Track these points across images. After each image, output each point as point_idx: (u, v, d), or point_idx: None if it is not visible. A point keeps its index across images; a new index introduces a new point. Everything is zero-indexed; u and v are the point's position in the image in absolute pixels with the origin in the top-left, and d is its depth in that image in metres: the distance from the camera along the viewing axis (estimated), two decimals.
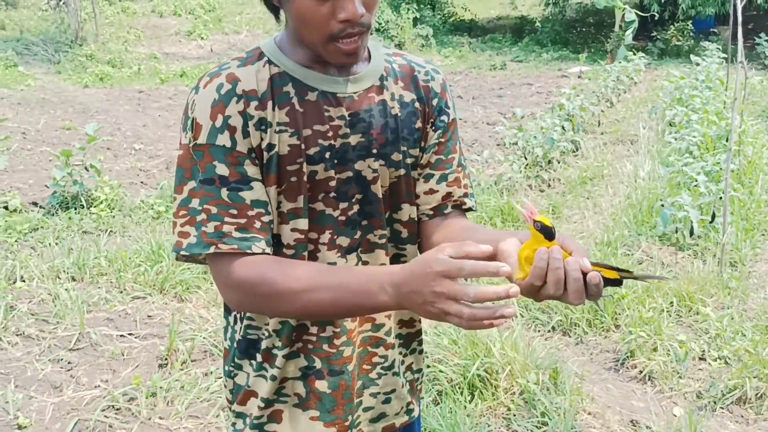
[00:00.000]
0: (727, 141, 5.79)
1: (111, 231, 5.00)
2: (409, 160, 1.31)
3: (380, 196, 1.29)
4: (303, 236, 1.24)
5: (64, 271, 4.11)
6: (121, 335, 3.47)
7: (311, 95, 1.22)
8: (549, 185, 6.49)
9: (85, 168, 5.58)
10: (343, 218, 1.26)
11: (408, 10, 18.32)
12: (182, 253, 1.18)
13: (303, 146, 1.20)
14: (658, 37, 16.57)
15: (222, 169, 1.16)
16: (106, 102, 11.36)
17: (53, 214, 5.19)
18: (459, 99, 11.57)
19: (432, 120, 1.34)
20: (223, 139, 1.16)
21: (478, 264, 1.00)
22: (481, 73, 14.71)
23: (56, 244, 4.60)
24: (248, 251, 1.16)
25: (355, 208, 1.27)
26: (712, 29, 16.85)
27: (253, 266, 1.15)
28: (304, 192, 1.22)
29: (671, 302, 3.93)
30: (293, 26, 1.21)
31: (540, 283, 1.06)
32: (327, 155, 1.22)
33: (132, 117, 10.10)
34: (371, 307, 1.11)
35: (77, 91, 12.34)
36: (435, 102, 1.35)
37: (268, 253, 1.19)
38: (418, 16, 18.61)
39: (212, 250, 1.15)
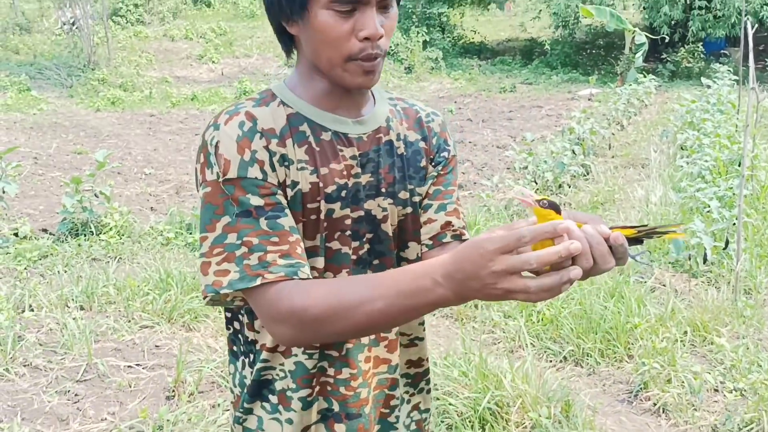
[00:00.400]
0: (739, 165, 5.74)
1: (120, 258, 4.99)
2: (415, 198, 1.33)
3: (390, 234, 1.30)
4: (318, 275, 1.23)
5: (73, 300, 4.10)
6: (129, 366, 3.44)
7: (325, 135, 1.23)
8: None
9: (95, 195, 5.59)
10: (355, 257, 1.26)
11: (418, 33, 18.43)
12: (222, 291, 1.12)
13: (321, 184, 1.21)
14: (669, 59, 16.58)
15: (257, 200, 1.14)
16: (118, 126, 11.45)
17: (63, 241, 5.20)
18: (468, 122, 11.58)
19: (432, 157, 1.36)
20: (254, 172, 1.15)
21: (538, 227, 0.95)
22: (491, 96, 14.74)
23: (65, 271, 4.59)
24: (295, 277, 1.13)
25: (366, 247, 1.27)
26: (722, 51, 16.83)
27: (299, 292, 1.11)
28: (322, 230, 1.22)
29: (685, 331, 3.87)
30: (310, 49, 1.20)
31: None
32: (343, 194, 1.23)
33: (143, 141, 10.16)
34: (428, 304, 1.03)
35: (89, 115, 12.46)
36: (435, 140, 1.36)
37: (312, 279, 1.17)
38: (428, 39, 18.72)
39: (259, 281, 1.11)
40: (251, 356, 1.28)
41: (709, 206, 4.95)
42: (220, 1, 23.44)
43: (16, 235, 5.24)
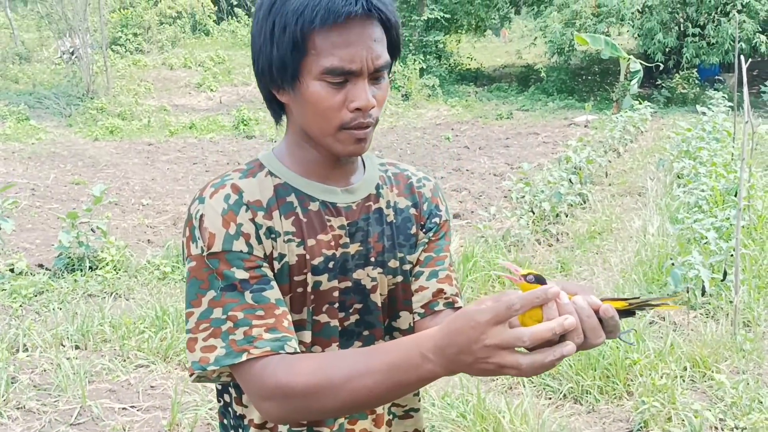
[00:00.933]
0: (736, 195, 5.75)
1: (116, 294, 4.97)
2: (406, 267, 1.30)
3: (380, 304, 1.27)
4: (306, 349, 1.21)
5: (68, 338, 4.07)
6: (123, 408, 3.41)
7: (313, 205, 1.22)
8: (557, 239, 6.44)
9: (92, 229, 5.58)
10: (341, 328, 1.24)
11: (415, 60, 18.58)
12: (209, 368, 1.10)
13: (308, 256, 1.19)
14: (664, 85, 16.69)
15: (242, 274, 1.13)
16: (116, 155, 11.48)
17: (59, 277, 5.18)
18: (465, 149, 11.62)
19: (422, 223, 1.34)
20: (239, 245, 1.14)
21: (527, 294, 0.92)
22: (488, 123, 14.81)
23: (60, 309, 4.57)
24: (281, 351, 1.10)
25: (354, 318, 1.25)
26: (717, 77, 16.96)
27: (284, 368, 1.08)
28: (309, 303, 1.20)
29: (684, 367, 3.84)
30: (301, 118, 1.19)
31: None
32: (330, 265, 1.21)
33: (141, 170, 10.18)
34: (417, 381, 1.00)
35: (87, 144, 12.49)
36: (426, 206, 1.34)
37: (299, 353, 1.14)
38: (425, 67, 18.86)
39: (245, 357, 1.08)
40: (240, 431, 1.26)
41: (707, 238, 4.94)
42: (219, 29, 23.65)
43: (11, 270, 5.22)
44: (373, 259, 1.26)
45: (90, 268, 5.27)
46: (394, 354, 1.02)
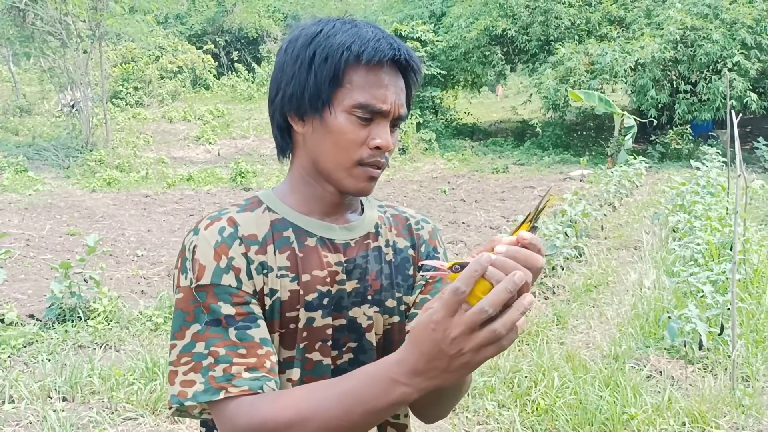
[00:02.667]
0: (731, 249, 5.75)
1: (107, 345, 4.90)
2: (403, 307, 1.30)
3: (375, 344, 1.26)
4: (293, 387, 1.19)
5: (56, 390, 3.99)
6: None
7: (310, 240, 1.22)
8: (554, 292, 6.40)
9: (84, 279, 5.54)
10: (333, 367, 1.22)
11: (411, 115, 18.81)
12: (187, 403, 1.09)
13: (302, 292, 1.19)
14: (658, 140, 16.89)
15: (228, 309, 1.12)
16: (113, 206, 11.50)
17: (50, 328, 5.12)
18: (462, 202, 11.67)
19: (419, 265, 1.34)
20: (229, 279, 1.14)
21: (464, 272, 0.90)
22: (484, 176, 14.92)
23: (49, 360, 4.50)
24: (260, 391, 1.09)
25: (347, 357, 1.24)
26: (710, 133, 17.18)
27: (257, 407, 1.07)
28: (300, 340, 1.19)
29: (683, 422, 3.77)
30: (317, 150, 1.20)
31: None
32: (324, 301, 1.21)
33: (137, 222, 10.18)
34: (389, 406, 0.99)
35: (84, 196, 12.53)
36: (423, 248, 1.35)
37: None
38: (422, 121, 19.11)
39: (222, 395, 1.07)
40: None
41: (703, 291, 4.92)
42: (219, 84, 24.01)
43: (2, 321, 5.16)
44: (370, 297, 1.26)
45: (81, 318, 5.21)
46: (362, 383, 1.01)
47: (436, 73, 19.71)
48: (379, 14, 24.17)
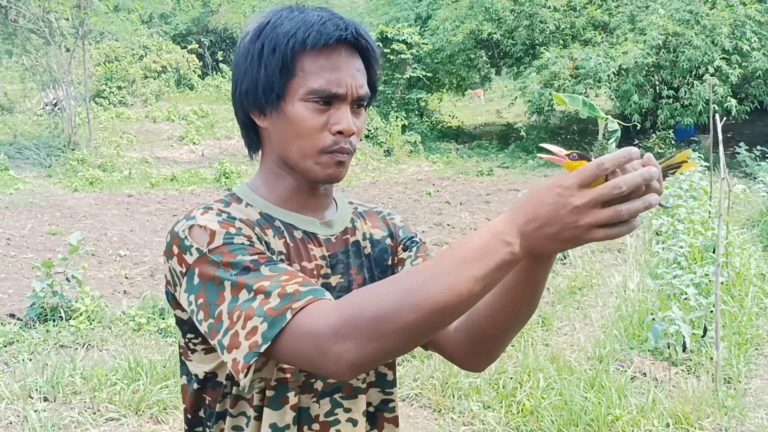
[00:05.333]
0: (714, 252, 5.79)
1: (89, 345, 4.85)
2: None
3: None
4: (284, 385, 1.17)
5: (37, 390, 3.94)
6: None
7: (297, 233, 1.22)
8: None
9: (66, 279, 5.48)
10: None
11: (397, 117, 18.83)
12: (263, 348, 0.99)
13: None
14: (641, 145, 17.00)
15: (249, 257, 1.07)
16: (95, 206, 11.38)
17: (31, 327, 5.05)
18: (447, 204, 11.68)
19: (402, 246, 1.36)
20: (240, 240, 1.10)
21: (615, 153, 0.87)
22: (469, 179, 14.95)
23: (30, 360, 4.44)
24: (324, 297, 1.02)
25: None
26: (692, 137, 17.33)
27: (343, 302, 0.98)
28: None
29: (667, 423, 3.79)
30: (281, 142, 1.19)
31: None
32: None
33: (120, 222, 10.09)
34: (496, 268, 0.92)
35: (66, 195, 12.40)
36: (401, 233, 1.38)
37: None
38: (407, 123, 19.12)
39: (289, 315, 0.99)
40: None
41: (686, 293, 4.95)
42: (203, 84, 23.88)
43: None
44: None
45: (63, 318, 5.15)
46: (465, 247, 0.94)
47: (421, 76, 19.73)
48: (365, 16, 24.18)
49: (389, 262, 1.34)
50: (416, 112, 20.28)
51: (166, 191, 13.20)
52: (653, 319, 4.82)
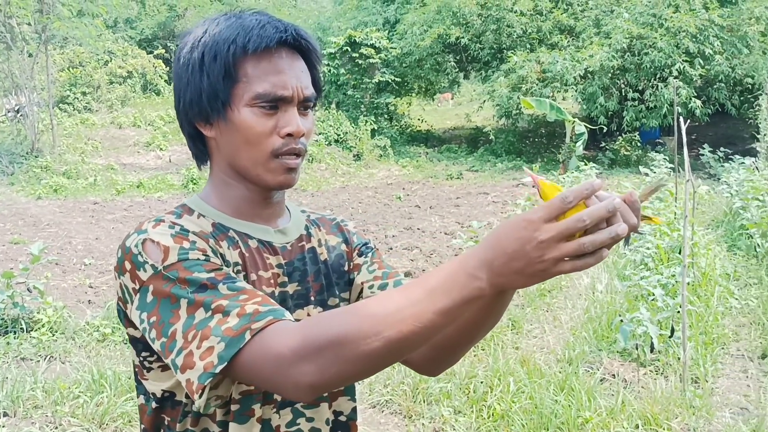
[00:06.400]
0: (680, 253, 5.86)
1: (51, 357, 4.73)
2: (342, 305, 1.29)
3: None
4: (243, 397, 1.13)
5: None
6: None
7: (252, 242, 1.20)
8: None
9: (28, 289, 5.35)
10: None
11: (366, 122, 18.81)
12: (218, 368, 0.97)
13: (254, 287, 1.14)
14: (608, 147, 17.22)
15: (206, 275, 1.04)
16: (59, 214, 11.17)
17: None
18: (417, 208, 11.69)
19: (357, 252, 1.35)
20: (196, 255, 1.07)
21: (577, 187, 0.88)
22: (438, 183, 14.98)
23: None
24: (285, 318, 0.99)
25: None
26: (658, 140, 17.59)
27: (303, 324, 0.96)
28: None
29: (636, 425, 3.81)
30: (230, 150, 1.17)
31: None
32: None
33: (85, 230, 9.91)
34: (462, 302, 0.91)
35: (29, 203, 12.15)
36: (355, 239, 1.37)
37: None
38: (376, 128, 19.11)
39: (248, 335, 0.96)
40: None
41: (654, 294, 5.00)
42: (170, 89, 23.61)
43: None
44: (312, 298, 1.25)
45: (24, 329, 5.02)
46: (434, 279, 0.93)
47: (390, 80, 19.75)
48: (333, 21, 24.12)
49: (346, 268, 1.33)
50: (385, 116, 20.29)
51: (133, 198, 13.01)
52: (621, 320, 4.85)
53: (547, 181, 0.99)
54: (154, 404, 1.16)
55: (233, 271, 1.13)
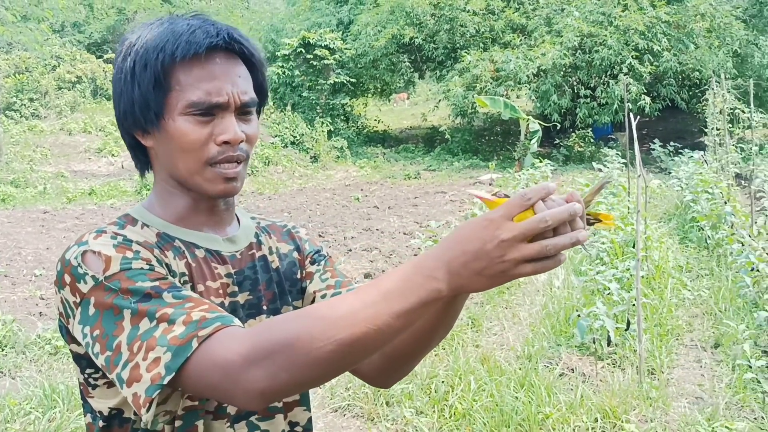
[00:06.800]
0: (634, 246, 5.96)
1: (0, 372, 4.58)
2: None
3: None
4: (191, 413, 1.10)
5: None
6: None
7: (199, 252, 1.16)
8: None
9: None
10: None
11: (322, 123, 18.74)
12: (166, 379, 0.93)
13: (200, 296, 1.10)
14: (562, 144, 17.47)
15: (150, 284, 1.00)
16: (7, 224, 10.85)
17: None
18: (375, 209, 11.68)
19: (309, 260, 1.32)
20: (139, 264, 1.03)
21: (536, 186, 0.86)
22: (396, 183, 15.00)
23: None
24: (233, 324, 0.96)
25: None
26: (610, 135, 17.91)
27: (254, 329, 0.93)
28: None
29: (595, 419, 3.85)
30: (168, 160, 1.14)
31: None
32: None
33: (35, 239, 9.64)
34: (419, 304, 0.88)
35: None
36: (307, 246, 1.34)
37: None
38: (333, 129, 19.05)
39: (195, 343, 0.93)
40: None
41: (609, 289, 5.07)
42: None
43: None
44: (265, 308, 1.22)
45: None
46: (390, 281, 0.90)
47: (345, 81, 19.71)
48: (286, 22, 23.95)
49: (298, 276, 1.30)
50: (342, 117, 20.24)
51: (84, 206, 12.72)
52: (579, 315, 4.91)
53: (492, 198, 0.97)
54: (101, 423, 1.12)
55: (179, 282, 1.10)
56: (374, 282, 0.92)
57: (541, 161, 12.83)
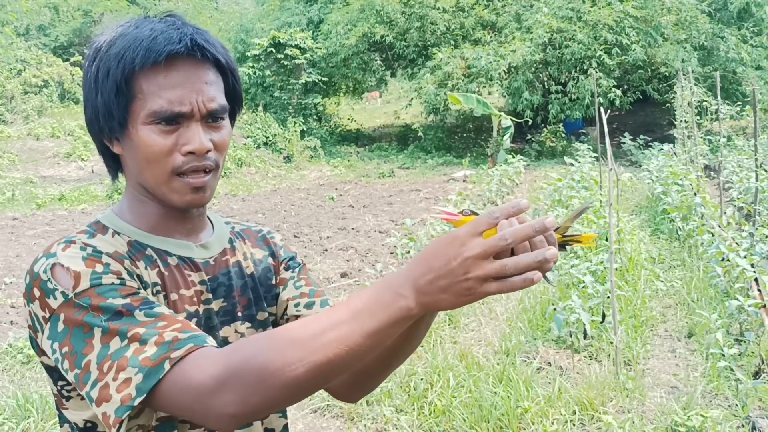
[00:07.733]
0: (607, 239, 6.02)
1: None
2: (272, 318, 1.26)
3: None
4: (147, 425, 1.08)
5: None
6: None
7: (171, 260, 1.14)
8: None
9: None
10: None
11: (295, 123, 18.65)
12: (136, 402, 0.92)
13: (173, 311, 1.08)
14: (534, 139, 17.60)
15: (121, 301, 0.99)
16: None
17: None
18: (350, 208, 11.66)
19: (284, 266, 1.31)
20: (110, 279, 1.01)
21: (503, 206, 0.86)
22: (371, 182, 14.99)
23: None
24: (206, 345, 0.95)
25: None
26: (581, 130, 18.08)
27: (226, 350, 0.93)
28: None
29: (573, 411, 3.89)
30: (135, 168, 1.12)
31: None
32: (194, 322, 1.12)
33: (4, 247, 9.47)
34: (389, 323, 0.88)
35: None
36: (282, 252, 1.33)
37: None
38: (305, 129, 18.97)
39: (167, 365, 0.92)
40: None
41: (584, 282, 5.11)
42: None
43: None
44: (240, 314, 1.20)
45: None
46: (360, 300, 0.90)
47: (317, 80, 19.64)
48: (256, 22, 23.78)
49: (273, 282, 1.28)
50: (314, 116, 20.17)
51: (54, 212, 12.51)
52: (555, 309, 4.94)
53: (458, 217, 0.98)
54: None
55: (152, 292, 1.08)
56: (345, 301, 0.92)
57: (513, 157, 12.94)
